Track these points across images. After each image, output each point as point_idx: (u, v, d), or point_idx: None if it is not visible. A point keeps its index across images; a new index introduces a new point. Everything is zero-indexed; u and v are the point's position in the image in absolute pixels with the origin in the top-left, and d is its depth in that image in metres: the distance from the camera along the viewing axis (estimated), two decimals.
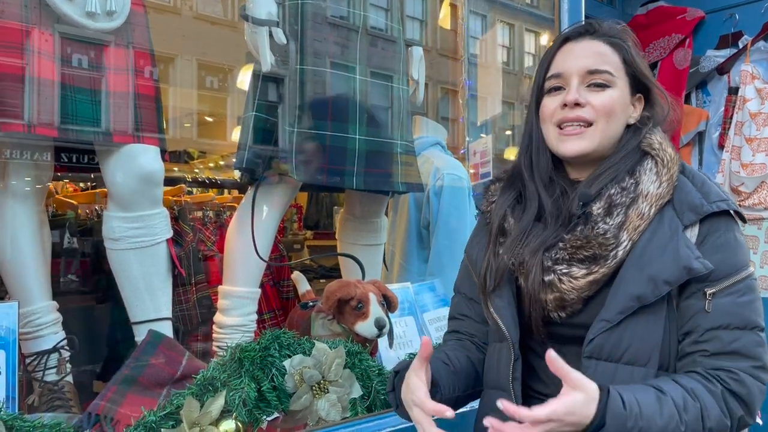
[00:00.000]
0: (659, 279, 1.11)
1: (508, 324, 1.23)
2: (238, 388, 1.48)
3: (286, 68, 2.06)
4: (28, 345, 1.84)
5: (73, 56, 1.74)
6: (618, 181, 1.20)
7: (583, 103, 1.22)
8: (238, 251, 2.11)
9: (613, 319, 1.12)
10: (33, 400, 1.82)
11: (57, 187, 2.79)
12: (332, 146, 2.10)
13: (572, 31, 1.29)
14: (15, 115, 1.63)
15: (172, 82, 8.16)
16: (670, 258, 1.12)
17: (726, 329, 1.10)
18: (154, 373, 1.78)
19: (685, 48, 3.61)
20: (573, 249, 1.17)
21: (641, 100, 1.29)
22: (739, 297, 1.12)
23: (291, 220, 6.33)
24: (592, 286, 1.16)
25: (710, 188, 1.19)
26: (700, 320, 1.12)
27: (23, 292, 1.81)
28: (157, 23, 6.01)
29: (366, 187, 2.20)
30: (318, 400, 1.63)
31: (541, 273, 1.19)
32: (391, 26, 2.32)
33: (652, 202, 1.16)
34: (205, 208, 2.68)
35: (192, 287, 2.52)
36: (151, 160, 1.83)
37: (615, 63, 1.24)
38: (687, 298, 1.14)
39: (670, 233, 1.14)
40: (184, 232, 2.57)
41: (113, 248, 1.85)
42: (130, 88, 1.83)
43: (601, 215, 1.18)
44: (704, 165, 3.64)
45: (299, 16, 2.08)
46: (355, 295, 1.88)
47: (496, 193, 1.37)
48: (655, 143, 1.23)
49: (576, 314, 1.19)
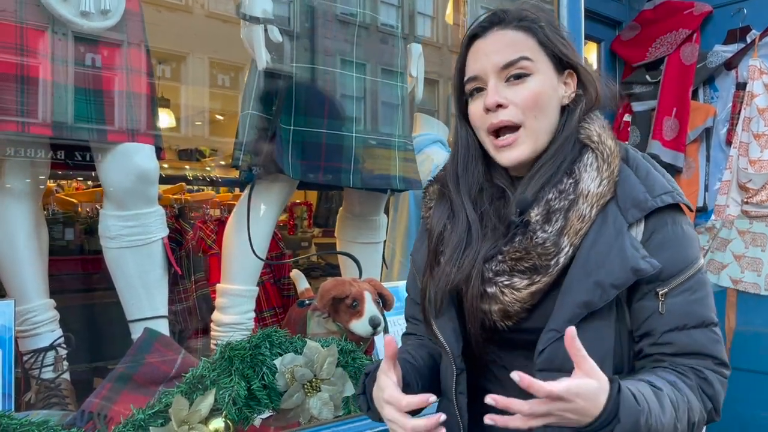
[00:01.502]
0: (606, 284, 1.04)
1: (449, 338, 1.17)
2: (227, 386, 1.48)
3: (282, 66, 2.06)
4: (25, 342, 1.86)
5: (68, 55, 1.75)
6: (555, 183, 1.11)
7: (504, 103, 1.12)
8: (235, 249, 2.12)
9: (561, 328, 1.01)
10: (30, 397, 1.83)
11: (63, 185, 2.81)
12: (328, 144, 2.09)
13: (477, 26, 1.17)
14: (9, 114, 1.64)
15: (183, 80, 8.20)
16: (617, 260, 1.05)
17: (683, 330, 1.06)
18: (149, 371, 1.79)
19: (692, 43, 3.56)
20: (513, 261, 1.10)
21: (573, 75, 1.18)
22: (691, 295, 1.07)
23: (301, 218, 6.35)
24: (535, 296, 1.10)
25: (654, 180, 1.11)
26: (655, 323, 1.07)
27: (20, 290, 1.83)
28: (168, 22, 6.05)
29: (362, 185, 2.19)
30: (310, 398, 1.63)
31: (482, 285, 1.12)
32: (389, 23, 2.31)
33: (592, 203, 1.08)
34: (205, 207, 2.69)
35: (192, 285, 2.53)
36: (146, 159, 1.83)
37: (530, 46, 1.14)
38: (639, 300, 1.08)
39: (615, 233, 1.07)
40: (185, 230, 2.58)
41: (109, 246, 1.86)
42: (124, 87, 1.83)
43: (540, 222, 1.09)
44: (712, 161, 3.59)
45: (295, 14, 2.08)
46: (350, 294, 1.87)
47: (433, 196, 1.28)
48: (594, 135, 1.14)
49: (522, 321, 1.13)
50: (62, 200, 2.44)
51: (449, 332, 1.17)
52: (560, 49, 1.15)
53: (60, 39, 1.73)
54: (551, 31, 1.16)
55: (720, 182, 3.48)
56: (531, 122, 1.12)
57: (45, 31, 1.71)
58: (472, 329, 1.14)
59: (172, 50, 7.66)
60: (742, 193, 3.34)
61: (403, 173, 2.28)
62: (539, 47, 1.14)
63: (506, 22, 1.15)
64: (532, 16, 1.16)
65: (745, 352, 3.13)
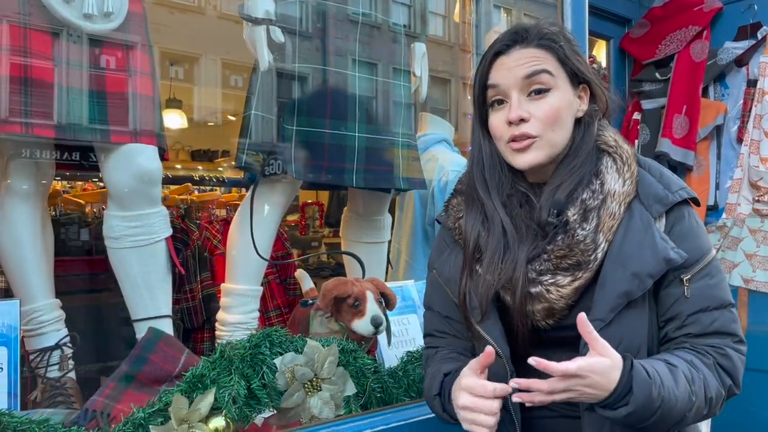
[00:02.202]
0: (643, 274, 1.14)
1: (499, 342, 1.23)
2: (227, 385, 1.49)
3: (285, 66, 2.07)
4: (31, 342, 1.88)
5: (71, 57, 1.76)
6: (587, 184, 1.22)
7: (527, 117, 1.21)
8: (239, 249, 2.13)
9: (606, 318, 1.14)
10: (36, 396, 1.86)
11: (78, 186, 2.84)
12: (331, 144, 2.10)
13: (501, 44, 1.25)
14: (13, 116, 1.66)
15: (196, 81, 8.26)
16: (649, 252, 1.15)
17: (705, 312, 1.16)
18: (153, 370, 1.80)
19: (702, 40, 3.53)
20: (557, 259, 1.19)
21: (586, 90, 1.28)
22: (710, 279, 1.18)
23: (313, 218, 6.37)
24: (578, 291, 1.19)
25: (669, 178, 1.24)
26: (681, 306, 1.17)
27: (26, 290, 1.85)
28: (181, 23, 6.07)
29: (366, 185, 2.19)
30: (311, 397, 1.63)
31: (527, 285, 1.20)
32: (392, 22, 2.31)
33: (620, 201, 1.19)
34: (211, 207, 2.70)
35: (198, 285, 2.55)
36: (149, 160, 1.84)
37: (551, 62, 1.23)
38: (666, 287, 1.18)
39: (644, 227, 1.17)
40: (191, 231, 2.60)
41: (113, 247, 1.88)
42: (128, 88, 1.85)
43: (578, 221, 1.19)
44: (723, 159, 3.56)
45: (297, 14, 2.09)
46: (352, 293, 1.87)
47: (459, 208, 1.36)
48: (610, 140, 1.26)
49: (563, 319, 1.21)
50: (70, 201, 2.46)
51: (497, 335, 1.24)
52: (577, 66, 1.25)
53: (63, 41, 1.74)
54: (569, 48, 1.25)
55: (731, 180, 3.45)
56: (549, 134, 1.22)
57: (48, 34, 1.72)
58: (521, 330, 1.22)
59: (184, 51, 7.72)
60: (754, 191, 3.31)
61: (407, 173, 2.28)
62: (558, 64, 1.23)
63: (528, 41, 1.23)
64: (552, 35, 1.24)
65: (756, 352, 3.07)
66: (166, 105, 7.38)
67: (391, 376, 1.86)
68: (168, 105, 7.40)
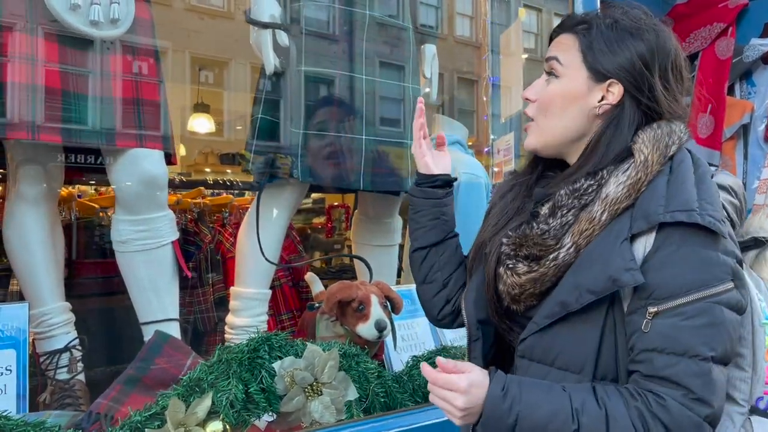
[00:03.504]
0: (583, 287, 1.04)
1: (468, 306, 1.24)
2: (225, 389, 1.49)
3: (291, 70, 2.07)
4: (41, 344, 1.91)
5: (78, 64, 1.79)
6: (572, 182, 1.12)
7: (531, 98, 1.20)
8: (247, 253, 2.13)
9: (540, 323, 1.09)
10: (45, 398, 1.88)
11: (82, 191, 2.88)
12: (338, 147, 2.09)
13: (555, 28, 1.24)
14: (20, 123, 1.69)
15: (226, 86, 8.34)
16: (599, 266, 1.03)
17: (660, 353, 1.00)
18: (159, 373, 1.81)
19: (727, 37, 3.44)
20: (515, 246, 1.15)
21: (618, 85, 1.13)
22: (683, 320, 0.99)
23: (339, 220, 6.38)
24: (534, 284, 1.11)
25: (681, 195, 1.04)
26: (637, 339, 1.02)
27: (36, 293, 1.88)
28: (211, 28, 6.11)
29: (373, 188, 2.18)
30: (311, 402, 1.62)
31: (495, 263, 1.18)
32: (401, 24, 2.29)
33: (606, 207, 1.07)
34: (224, 210, 2.72)
35: (210, 288, 2.56)
36: (155, 164, 1.86)
37: (569, 50, 1.16)
38: (630, 313, 1.04)
39: (612, 240, 1.04)
40: (203, 234, 2.61)
41: (120, 251, 1.90)
42: (134, 94, 1.87)
43: (545, 215, 1.13)
44: (750, 159, 3.46)
45: (303, 17, 2.08)
46: (356, 297, 1.87)
47: None
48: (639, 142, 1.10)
49: (531, 309, 1.14)
50: (84, 205, 2.50)
51: (470, 301, 1.23)
52: (597, 57, 1.13)
53: (69, 48, 1.77)
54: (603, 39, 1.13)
55: (758, 180, 3.35)
56: (540, 119, 1.19)
57: (55, 41, 1.75)
58: (489, 301, 1.19)
59: (214, 56, 7.82)
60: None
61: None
62: (578, 53, 1.15)
63: (567, 27, 1.20)
64: (590, 21, 1.16)
65: None
66: (194, 109, 7.48)
67: (396, 380, 1.85)
68: (196, 109, 7.49)
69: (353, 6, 2.17)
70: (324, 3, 2.15)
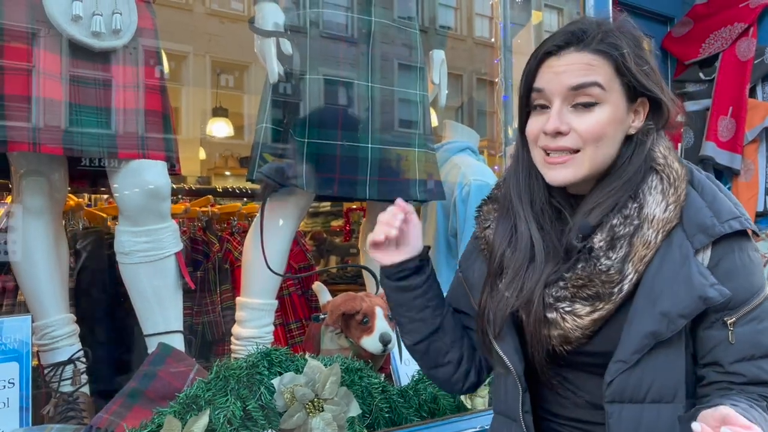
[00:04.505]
0: (673, 313, 1.02)
1: (512, 358, 1.16)
2: (223, 406, 1.47)
3: (295, 78, 2.04)
4: (45, 356, 1.90)
5: (80, 75, 1.78)
6: (620, 208, 1.07)
7: (565, 130, 1.07)
8: (253, 263, 2.11)
9: (629, 360, 1.04)
10: (49, 411, 1.87)
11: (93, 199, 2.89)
12: (343, 156, 2.06)
13: (552, 44, 1.10)
14: (21, 134, 1.68)
15: (246, 89, 8.37)
16: (683, 288, 1.02)
17: (751, 361, 1.03)
18: (161, 386, 1.79)
19: (748, 38, 3.35)
20: (575, 288, 1.08)
21: (645, 104, 1.12)
22: (759, 324, 1.04)
23: (358, 223, 6.35)
24: (597, 323, 1.08)
25: (721, 204, 1.07)
26: (724, 352, 1.04)
27: (39, 305, 1.87)
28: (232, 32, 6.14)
29: (380, 197, 2.15)
30: (312, 418, 1.59)
31: (543, 310, 1.10)
32: (409, 30, 2.25)
33: (658, 228, 1.05)
34: (232, 218, 2.71)
35: (218, 297, 2.55)
36: (157, 175, 1.84)
37: (606, 73, 1.07)
38: (707, 328, 1.05)
39: (681, 259, 1.04)
40: (211, 243, 2.60)
41: (124, 262, 1.88)
42: (136, 105, 1.85)
43: (604, 249, 1.06)
44: None
45: (307, 25, 2.06)
46: (361, 309, 1.84)
47: (488, 216, 1.26)
48: (660, 157, 1.09)
49: (583, 345, 1.11)
50: (92, 214, 2.50)
51: (512, 352, 1.16)
52: (638, 78, 1.08)
53: (71, 58, 1.75)
54: (634, 55, 1.08)
55: None
56: (590, 150, 1.08)
57: (56, 52, 1.74)
58: (535, 353, 1.14)
59: (234, 60, 7.86)
60: None
61: (424, 184, 2.22)
62: (615, 75, 1.07)
63: (585, 44, 1.08)
64: (614, 38, 1.08)
65: None
66: (213, 113, 7.52)
67: (401, 395, 1.81)
68: (215, 113, 7.53)
69: (359, 13, 2.14)
70: (329, 10, 2.12)
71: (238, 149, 8.61)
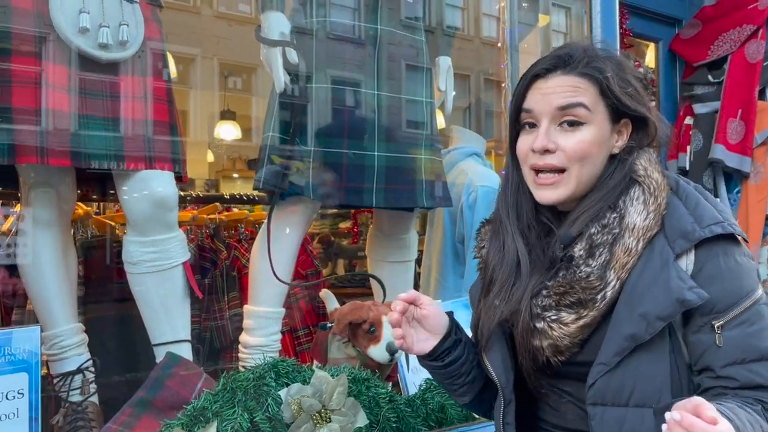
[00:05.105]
0: (651, 315, 1.05)
1: (498, 369, 1.20)
2: (230, 418, 1.47)
3: (301, 87, 2.04)
4: (54, 366, 1.91)
5: (87, 86, 1.78)
6: (599, 218, 1.12)
7: (552, 148, 1.13)
8: (260, 271, 2.11)
9: (609, 362, 1.07)
10: (58, 420, 1.88)
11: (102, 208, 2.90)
12: (349, 164, 2.06)
13: (541, 68, 1.16)
14: (29, 146, 1.69)
15: (254, 91, 8.38)
16: (661, 291, 1.05)
17: (742, 364, 1.04)
18: (169, 396, 1.80)
19: (757, 40, 3.33)
20: (557, 296, 1.12)
21: (628, 125, 1.18)
22: (749, 327, 1.05)
23: (366, 224, 6.34)
24: (584, 330, 1.11)
25: (704, 210, 1.10)
26: (714, 356, 1.05)
27: (48, 315, 1.88)
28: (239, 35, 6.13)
29: (386, 204, 2.14)
30: (320, 429, 1.59)
31: (530, 320, 1.14)
32: (414, 36, 2.25)
33: (639, 236, 1.09)
34: (240, 225, 2.71)
35: (226, 304, 2.56)
36: (164, 185, 1.85)
37: (591, 95, 1.13)
38: (695, 333, 1.07)
39: (660, 264, 1.07)
40: (219, 250, 2.61)
41: (132, 272, 1.89)
42: (143, 115, 1.86)
43: (583, 257, 1.11)
44: None
45: (314, 33, 2.06)
46: (368, 318, 1.84)
47: (485, 237, 1.31)
48: (640, 169, 1.15)
49: (575, 355, 1.14)
50: (101, 222, 2.51)
51: (498, 364, 1.20)
52: (621, 100, 1.14)
53: (78, 70, 1.76)
54: (617, 78, 1.14)
55: None
56: (576, 169, 1.13)
57: (64, 64, 1.74)
58: (524, 363, 1.18)
59: (242, 62, 7.87)
60: None
61: (431, 191, 2.22)
62: (599, 97, 1.14)
63: (571, 67, 1.15)
64: (599, 64, 1.15)
65: None
66: (221, 116, 7.54)
67: (409, 404, 1.81)
68: (223, 116, 7.56)
69: (368, 21, 2.13)
70: (338, 18, 2.12)
71: (246, 152, 8.62)
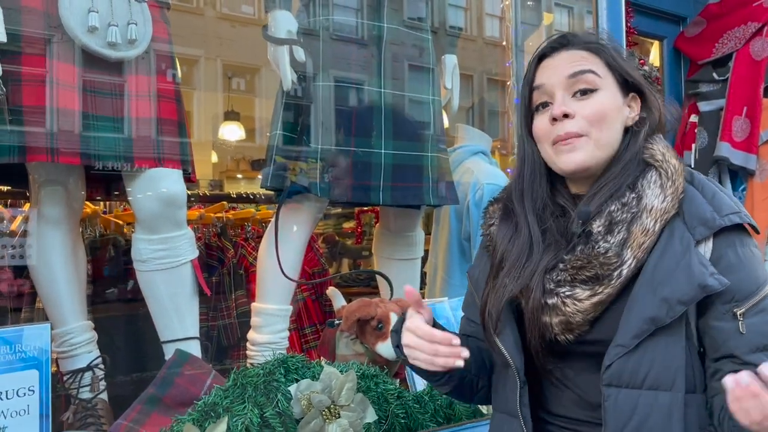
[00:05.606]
0: (673, 299, 1.06)
1: (511, 351, 1.19)
2: (241, 413, 1.48)
3: (308, 85, 2.05)
4: (64, 363, 1.93)
5: (96, 85, 1.80)
6: (618, 196, 1.14)
7: (571, 113, 1.14)
8: (267, 269, 2.12)
9: (628, 344, 1.08)
10: (68, 417, 1.89)
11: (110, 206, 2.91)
12: (356, 162, 2.07)
13: (546, 47, 1.22)
14: (39, 145, 1.70)
15: (258, 92, 8.39)
16: (684, 276, 1.07)
17: (764, 351, 1.06)
18: (179, 393, 1.81)
19: (762, 37, 3.32)
20: (574, 270, 1.12)
21: (637, 99, 1.21)
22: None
23: (369, 224, 6.35)
24: (597, 308, 1.12)
25: (722, 200, 1.13)
26: (736, 343, 1.07)
27: (58, 312, 1.89)
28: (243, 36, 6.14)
29: (393, 202, 2.15)
30: (329, 425, 1.60)
31: (542, 296, 1.14)
32: (421, 35, 2.26)
33: (656, 217, 1.11)
34: (246, 224, 2.72)
35: (233, 302, 2.57)
36: (173, 183, 1.86)
37: (598, 64, 1.18)
38: (717, 320, 1.09)
39: (682, 249, 1.09)
40: (226, 248, 2.62)
41: (141, 270, 1.90)
42: (152, 113, 1.87)
43: (602, 233, 1.12)
44: None
45: (321, 32, 2.07)
46: (375, 315, 1.84)
47: (494, 215, 1.31)
48: (658, 154, 1.17)
49: (584, 333, 1.14)
50: (108, 221, 2.52)
51: (511, 345, 1.19)
52: (627, 71, 1.19)
53: (87, 68, 1.77)
54: (618, 56, 1.20)
55: None
56: (596, 133, 1.15)
57: (72, 63, 1.76)
58: (533, 340, 1.17)
59: (246, 63, 7.89)
60: None
61: (437, 189, 2.22)
62: (606, 68, 1.18)
63: (574, 44, 1.20)
64: (600, 41, 1.21)
65: None
66: (225, 117, 7.55)
67: (417, 401, 1.81)
68: (226, 117, 7.57)
69: (372, 19, 2.14)
70: (342, 16, 2.13)
71: (250, 152, 8.63)
